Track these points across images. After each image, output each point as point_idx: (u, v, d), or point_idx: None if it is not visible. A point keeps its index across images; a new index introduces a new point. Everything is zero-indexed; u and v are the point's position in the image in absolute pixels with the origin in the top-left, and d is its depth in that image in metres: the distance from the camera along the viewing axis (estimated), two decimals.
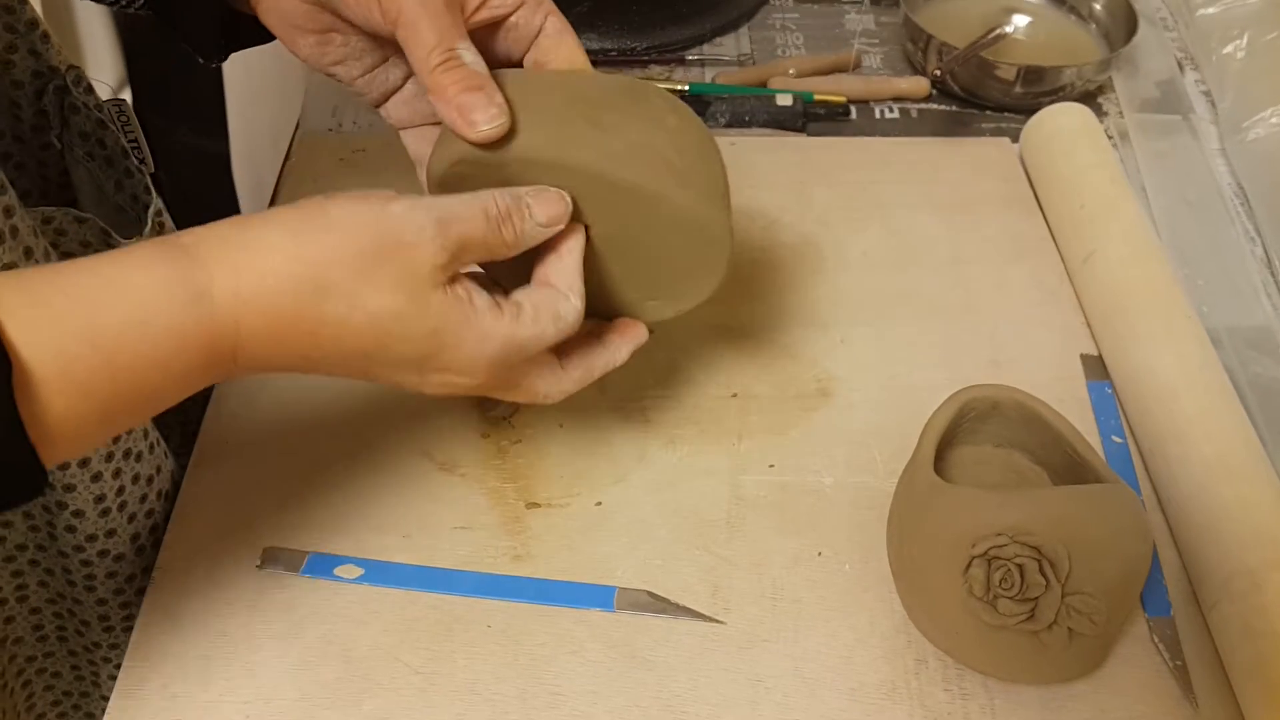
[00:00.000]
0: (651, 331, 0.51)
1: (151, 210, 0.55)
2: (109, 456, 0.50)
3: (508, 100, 0.45)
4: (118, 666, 0.57)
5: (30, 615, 0.55)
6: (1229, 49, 0.81)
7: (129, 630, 0.56)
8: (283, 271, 0.39)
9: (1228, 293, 0.68)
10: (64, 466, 0.49)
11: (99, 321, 0.36)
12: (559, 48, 0.52)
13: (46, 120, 0.53)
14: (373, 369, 0.43)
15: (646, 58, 0.86)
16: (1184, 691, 0.49)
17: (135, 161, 0.55)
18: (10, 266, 0.44)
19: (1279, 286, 0.69)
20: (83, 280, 0.36)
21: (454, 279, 0.42)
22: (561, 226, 0.45)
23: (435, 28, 0.45)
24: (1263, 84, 0.78)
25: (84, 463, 0.49)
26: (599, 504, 0.56)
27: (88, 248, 0.52)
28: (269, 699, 0.48)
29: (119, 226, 0.53)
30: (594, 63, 0.84)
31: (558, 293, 0.46)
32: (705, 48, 0.88)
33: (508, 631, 0.50)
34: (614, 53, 0.86)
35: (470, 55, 0.45)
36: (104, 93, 0.55)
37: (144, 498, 0.53)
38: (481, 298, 0.43)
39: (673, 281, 0.50)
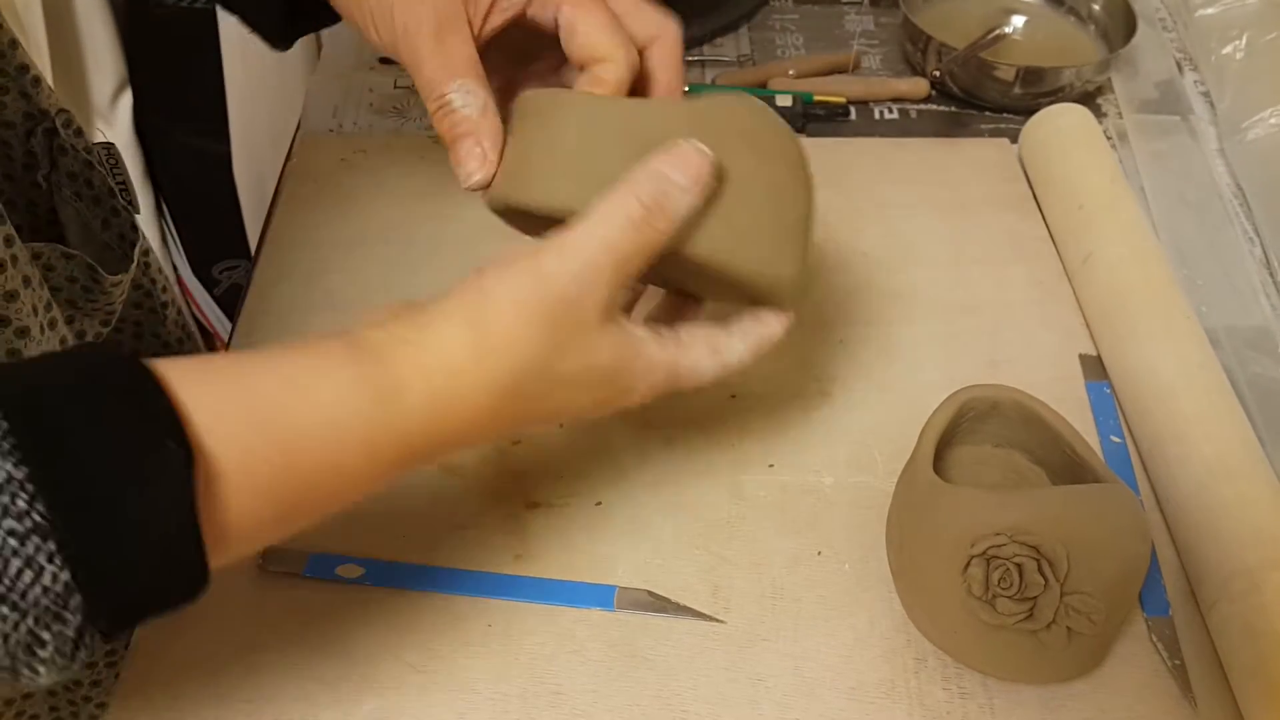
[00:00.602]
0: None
1: (138, 249, 0.55)
2: None
3: (530, 136, 0.43)
4: (100, 705, 0.56)
5: None
6: (1228, 49, 0.81)
7: (112, 665, 0.56)
8: (473, 368, 0.39)
9: (1226, 293, 0.68)
10: None
11: (285, 422, 0.35)
12: (592, 38, 0.47)
13: (35, 160, 0.53)
14: (556, 420, 0.44)
15: None
16: (1183, 691, 0.49)
17: (122, 202, 0.56)
18: (11, 294, 0.44)
19: (1277, 287, 0.69)
20: (266, 379, 0.36)
21: (615, 313, 0.42)
22: (709, 180, 0.42)
23: (427, 69, 0.45)
24: (1261, 84, 0.78)
25: None
26: (599, 504, 0.56)
27: (74, 283, 0.52)
28: (270, 698, 0.48)
29: (105, 263, 0.53)
30: None
31: (723, 330, 0.46)
32: (705, 48, 0.88)
33: (508, 631, 0.51)
34: None
35: (460, 98, 0.45)
36: (95, 135, 0.56)
37: None
38: (641, 329, 0.43)
39: (757, 295, 0.47)
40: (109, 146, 0.55)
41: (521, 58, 0.52)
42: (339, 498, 0.38)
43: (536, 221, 0.44)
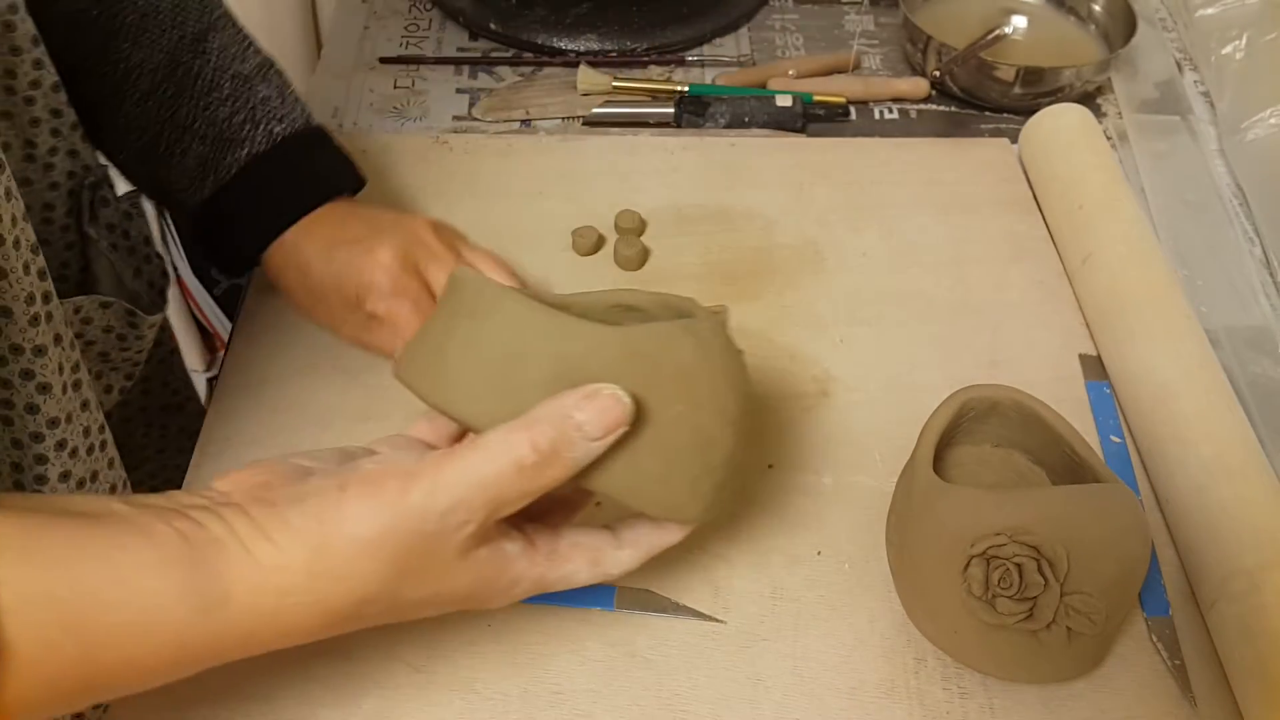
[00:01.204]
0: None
1: (170, 295, 0.57)
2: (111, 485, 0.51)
3: (452, 327, 0.41)
4: (103, 709, 0.57)
5: None
6: (1228, 50, 0.81)
7: None
8: (305, 593, 0.37)
9: (1226, 293, 0.68)
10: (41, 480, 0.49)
11: (95, 620, 0.34)
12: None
13: (77, 216, 0.54)
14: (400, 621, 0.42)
15: (646, 59, 0.87)
16: (1182, 691, 0.49)
17: (156, 251, 0.57)
18: (40, 349, 0.45)
19: (1277, 287, 0.69)
20: (93, 567, 0.35)
21: (485, 537, 0.40)
22: (623, 429, 0.39)
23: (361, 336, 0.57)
24: (1261, 85, 0.78)
25: (81, 484, 0.50)
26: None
27: (109, 333, 0.53)
28: (268, 697, 0.48)
29: (137, 307, 0.54)
30: (594, 64, 0.85)
31: (611, 540, 0.44)
32: (705, 49, 0.89)
33: (508, 630, 0.51)
34: (614, 54, 0.87)
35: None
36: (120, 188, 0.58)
37: None
38: (514, 544, 0.41)
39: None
40: (134, 197, 0.57)
41: None
42: (130, 688, 0.37)
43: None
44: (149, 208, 0.57)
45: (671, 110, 0.80)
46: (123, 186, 0.57)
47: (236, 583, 0.36)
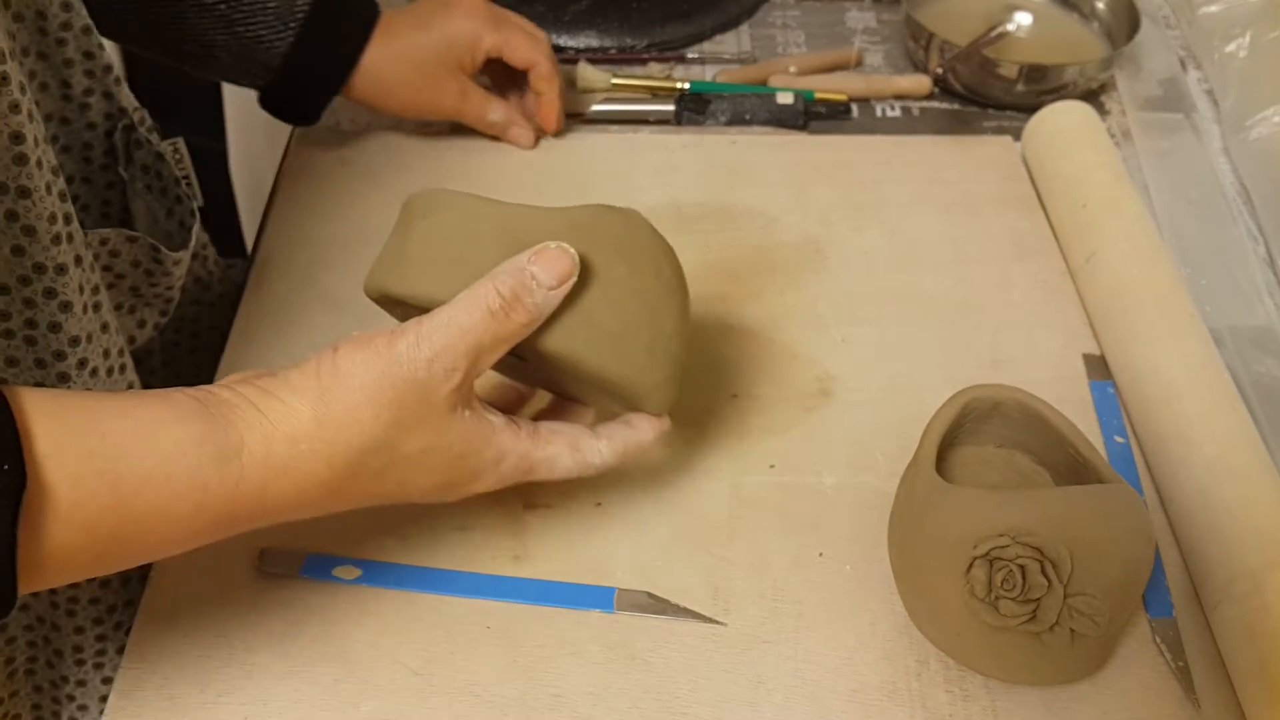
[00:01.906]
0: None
1: (195, 233, 0.59)
2: None
3: (410, 231, 0.46)
4: (81, 707, 0.57)
5: (5, 646, 0.55)
6: (1231, 47, 0.81)
7: (99, 667, 0.56)
8: (313, 439, 0.41)
9: (1230, 292, 0.68)
10: None
11: (124, 465, 0.37)
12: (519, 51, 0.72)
13: (114, 157, 0.57)
14: (400, 499, 0.45)
15: (647, 56, 0.86)
16: (1186, 693, 0.49)
17: (186, 192, 0.60)
18: (61, 268, 0.46)
19: None
20: (116, 422, 0.38)
21: (469, 399, 0.44)
22: (572, 278, 0.44)
23: (467, 114, 0.74)
24: (1265, 82, 0.77)
25: None
26: (599, 504, 0.55)
27: (138, 267, 0.55)
28: (267, 700, 0.48)
29: (168, 246, 0.56)
30: (593, 61, 0.85)
31: (588, 431, 0.48)
32: (706, 46, 0.88)
33: (507, 633, 0.50)
34: (614, 51, 0.86)
35: (495, 112, 0.74)
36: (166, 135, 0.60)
37: None
38: (497, 417, 0.45)
39: (628, 401, 0.49)
40: (176, 143, 0.59)
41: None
42: (161, 545, 0.40)
43: (410, 310, 0.46)
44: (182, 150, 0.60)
45: (672, 108, 0.80)
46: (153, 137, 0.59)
47: (249, 431, 0.40)
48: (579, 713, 0.48)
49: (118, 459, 0.37)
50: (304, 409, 0.41)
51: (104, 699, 0.52)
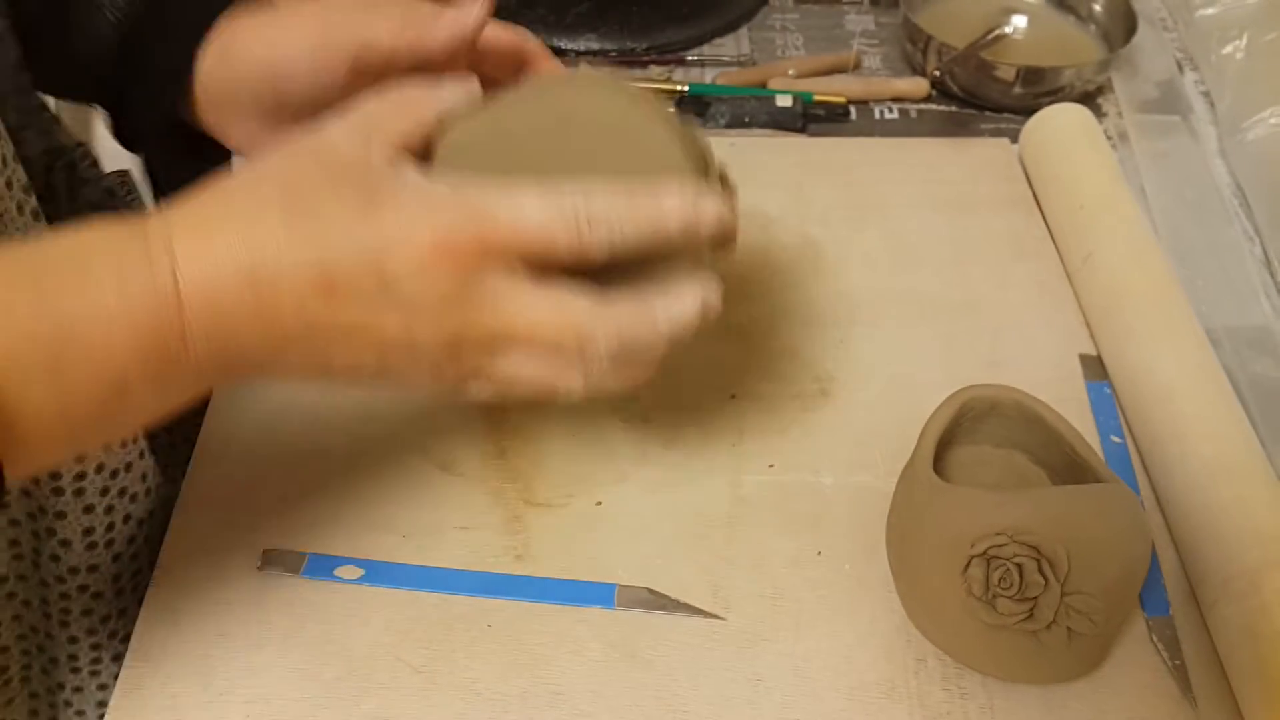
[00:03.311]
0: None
1: None
2: (104, 491, 0.51)
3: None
4: (78, 713, 0.57)
5: None
6: (1228, 49, 0.81)
7: (95, 674, 0.56)
8: (236, 259, 0.37)
9: (1227, 293, 0.68)
10: (58, 492, 0.49)
11: (62, 307, 0.35)
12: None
13: (55, 194, 0.54)
14: (405, 374, 0.41)
15: (646, 58, 0.87)
16: (1183, 691, 0.49)
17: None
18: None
19: (1278, 287, 0.69)
20: (49, 243, 0.36)
21: (408, 158, 0.40)
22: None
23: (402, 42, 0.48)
24: (1262, 84, 0.78)
25: (79, 492, 0.50)
26: (599, 504, 0.56)
27: None
28: (269, 699, 0.48)
29: None
30: (593, 63, 0.85)
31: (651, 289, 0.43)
32: (705, 48, 0.89)
33: (508, 631, 0.51)
34: (614, 53, 0.87)
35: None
36: (109, 165, 0.57)
37: (132, 539, 0.53)
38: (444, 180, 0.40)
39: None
40: (124, 173, 0.57)
41: None
42: (121, 388, 0.37)
43: None
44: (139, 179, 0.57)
45: (672, 110, 0.80)
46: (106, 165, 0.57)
47: (178, 244, 0.37)
48: (579, 710, 0.48)
49: (59, 299, 0.35)
50: (210, 195, 0.39)
51: (101, 704, 0.52)
